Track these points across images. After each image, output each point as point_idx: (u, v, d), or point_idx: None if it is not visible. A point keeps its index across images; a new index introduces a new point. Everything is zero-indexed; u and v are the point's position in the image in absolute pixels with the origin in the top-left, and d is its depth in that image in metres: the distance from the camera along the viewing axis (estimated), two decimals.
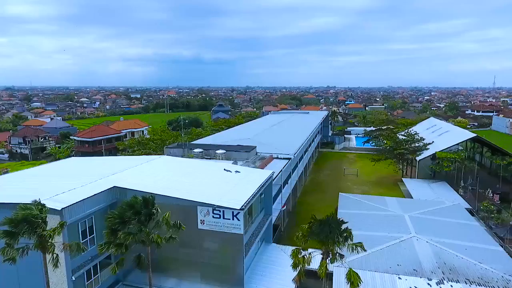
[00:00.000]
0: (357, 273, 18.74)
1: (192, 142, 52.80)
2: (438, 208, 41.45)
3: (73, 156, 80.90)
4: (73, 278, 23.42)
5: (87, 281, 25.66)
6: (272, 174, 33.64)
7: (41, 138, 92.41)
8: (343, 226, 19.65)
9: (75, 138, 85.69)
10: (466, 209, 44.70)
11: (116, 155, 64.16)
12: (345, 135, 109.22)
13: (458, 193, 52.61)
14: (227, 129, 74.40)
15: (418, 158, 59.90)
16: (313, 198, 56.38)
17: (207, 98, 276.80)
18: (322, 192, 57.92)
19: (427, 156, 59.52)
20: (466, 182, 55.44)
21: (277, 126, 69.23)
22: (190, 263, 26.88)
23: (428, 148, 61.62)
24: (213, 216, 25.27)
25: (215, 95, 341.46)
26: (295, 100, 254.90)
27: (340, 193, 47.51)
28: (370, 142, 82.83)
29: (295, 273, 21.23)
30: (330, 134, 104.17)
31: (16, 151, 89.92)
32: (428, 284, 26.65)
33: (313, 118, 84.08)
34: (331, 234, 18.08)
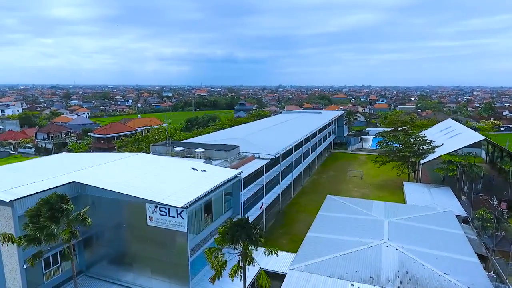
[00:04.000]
0: (266, 275, 18.36)
1: (185, 141, 53.87)
2: (426, 215, 39.43)
3: (91, 151, 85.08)
4: (25, 267, 24.80)
5: (45, 270, 27.10)
6: (240, 174, 33.58)
7: (64, 134, 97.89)
8: (324, 228, 19.38)
9: (91, 134, 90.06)
10: (462, 216, 42.22)
11: (113, 151, 66.71)
12: (362, 136, 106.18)
13: (460, 199, 49.68)
14: (229, 128, 74.88)
15: (422, 162, 57.12)
16: (307, 199, 55.57)
17: (235, 97, 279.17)
18: (319, 194, 56.71)
19: (432, 159, 56.60)
20: (474, 187, 52.02)
21: (279, 126, 68.64)
22: (142, 259, 27.59)
23: (435, 151, 58.57)
24: (160, 214, 25.74)
25: (245, 93, 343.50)
26: (324, 99, 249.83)
27: (328, 195, 46.53)
28: (383, 143, 79.70)
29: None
30: (345, 135, 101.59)
31: (42, 146, 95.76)
32: None
33: (323, 118, 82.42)
34: (239, 236, 17.84)
